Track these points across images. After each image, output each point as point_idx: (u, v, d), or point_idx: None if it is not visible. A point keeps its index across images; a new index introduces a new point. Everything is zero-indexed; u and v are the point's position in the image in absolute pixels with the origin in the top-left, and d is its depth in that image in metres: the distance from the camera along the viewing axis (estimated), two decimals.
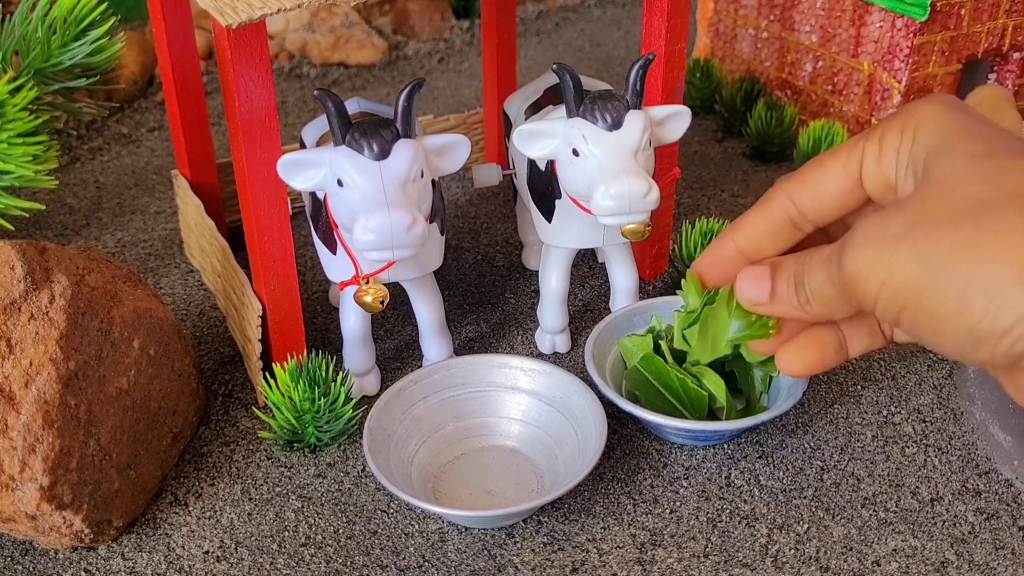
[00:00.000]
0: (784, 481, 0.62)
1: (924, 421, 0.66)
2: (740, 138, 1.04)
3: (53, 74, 0.70)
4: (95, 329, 0.56)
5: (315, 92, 0.57)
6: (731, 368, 0.63)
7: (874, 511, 0.60)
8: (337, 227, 0.62)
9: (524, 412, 0.65)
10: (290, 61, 1.25)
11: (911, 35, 0.86)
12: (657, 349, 0.65)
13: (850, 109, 0.95)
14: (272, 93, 0.58)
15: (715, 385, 0.61)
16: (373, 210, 0.56)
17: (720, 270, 0.42)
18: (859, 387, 0.69)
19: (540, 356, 0.73)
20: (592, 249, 0.82)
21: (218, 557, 0.58)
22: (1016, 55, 0.94)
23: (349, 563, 0.57)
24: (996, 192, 0.29)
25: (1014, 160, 0.30)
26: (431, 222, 0.63)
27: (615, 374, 0.66)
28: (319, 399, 0.62)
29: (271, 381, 0.64)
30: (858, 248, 0.32)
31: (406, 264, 0.63)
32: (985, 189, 0.29)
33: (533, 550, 0.58)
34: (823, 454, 0.64)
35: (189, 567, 0.57)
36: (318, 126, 0.72)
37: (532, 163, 0.68)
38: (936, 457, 0.64)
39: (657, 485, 0.62)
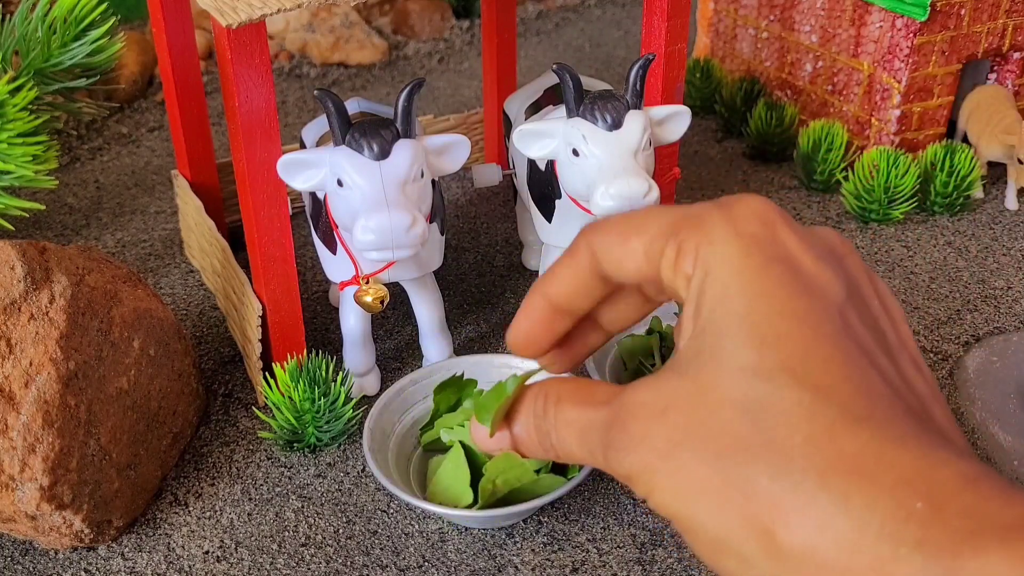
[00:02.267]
0: None
1: None
2: (740, 138, 1.04)
3: (53, 74, 0.70)
4: (95, 329, 0.56)
5: (315, 92, 0.57)
6: None
7: None
8: (337, 227, 0.62)
9: None
10: (290, 61, 1.25)
11: (911, 35, 0.86)
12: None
13: (850, 109, 0.95)
14: (272, 93, 0.58)
15: None
16: (373, 210, 0.56)
17: (537, 333, 0.35)
18: None
19: None
20: None
21: (218, 557, 0.58)
22: (1016, 55, 0.94)
23: (349, 563, 0.57)
24: (758, 435, 0.25)
25: (786, 388, 0.25)
26: (431, 222, 0.63)
27: (615, 374, 0.66)
28: (319, 399, 0.62)
29: (271, 381, 0.64)
30: (621, 452, 0.28)
31: (406, 264, 0.63)
32: (748, 426, 0.26)
33: (533, 550, 0.58)
34: None
35: (189, 567, 0.57)
36: (318, 126, 0.72)
37: (532, 163, 0.68)
38: None
39: None
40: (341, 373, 0.64)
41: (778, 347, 0.26)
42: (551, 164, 0.66)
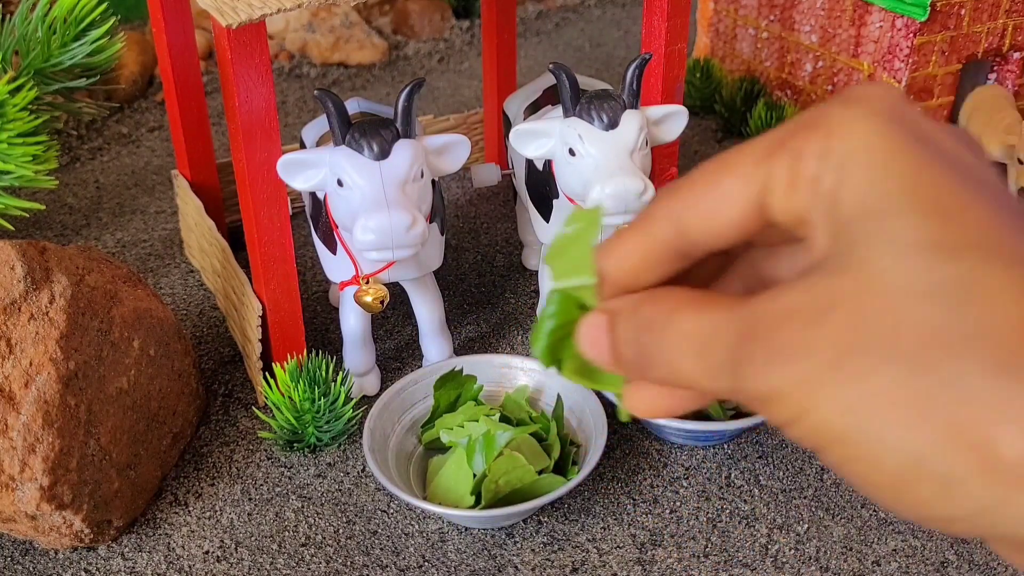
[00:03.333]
0: (784, 481, 0.62)
1: None
2: (740, 138, 1.04)
3: (53, 74, 0.70)
4: (95, 329, 0.56)
5: (315, 92, 0.57)
6: None
7: (874, 511, 0.60)
8: (337, 227, 0.62)
9: None
10: (290, 61, 1.25)
11: (911, 35, 0.86)
12: None
13: None
14: (272, 93, 0.58)
15: None
16: (373, 210, 0.56)
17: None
18: None
19: None
20: None
21: (218, 557, 0.58)
22: (1016, 55, 0.94)
23: (349, 563, 0.57)
24: (958, 324, 0.21)
25: (985, 263, 0.21)
26: (431, 222, 0.63)
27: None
28: (319, 399, 0.62)
29: (271, 381, 0.64)
30: (765, 366, 0.23)
31: (406, 264, 0.63)
32: (942, 316, 0.21)
33: (533, 550, 0.58)
34: None
35: (189, 567, 0.57)
36: (318, 126, 0.72)
37: (530, 163, 0.68)
38: None
39: (657, 485, 0.62)
40: (341, 373, 0.64)
41: (963, 219, 0.21)
42: (548, 164, 0.66)
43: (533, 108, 0.74)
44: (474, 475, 0.56)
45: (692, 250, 0.26)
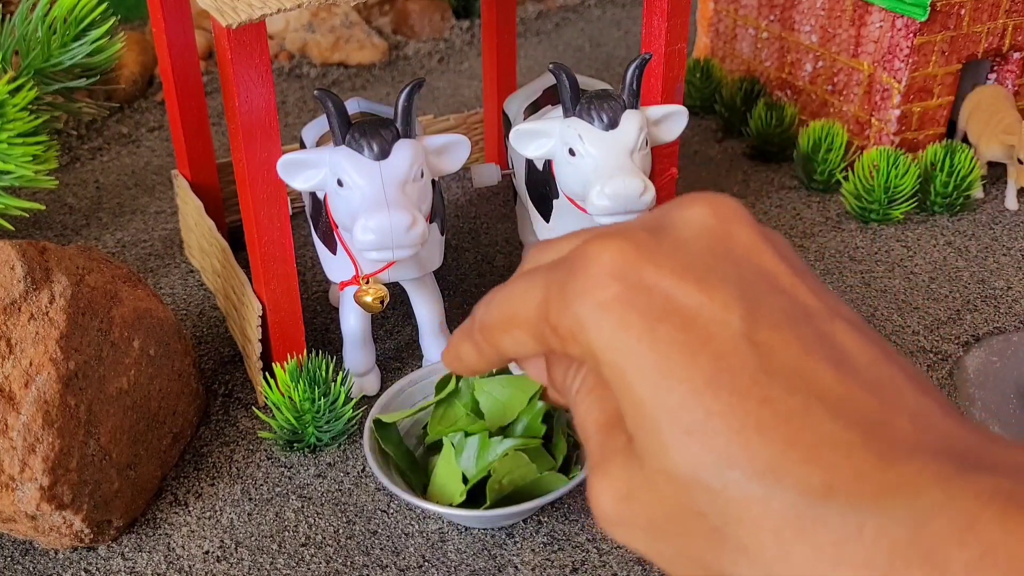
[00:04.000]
0: None
1: None
2: (740, 138, 1.04)
3: (53, 74, 0.70)
4: (95, 329, 0.56)
5: (315, 92, 0.58)
6: None
7: None
8: (337, 227, 0.62)
9: None
10: (290, 61, 1.25)
11: (911, 35, 0.86)
12: None
13: (850, 109, 0.95)
14: (272, 93, 0.58)
15: None
16: (373, 210, 0.56)
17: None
18: None
19: None
20: None
21: (218, 557, 0.58)
22: (1016, 55, 0.94)
23: (349, 563, 0.57)
24: (724, 540, 0.24)
25: (731, 486, 0.23)
26: (431, 222, 0.63)
27: None
28: (319, 399, 0.62)
29: (271, 381, 0.64)
30: (598, 510, 0.26)
31: (406, 264, 0.63)
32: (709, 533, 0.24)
33: (533, 550, 0.58)
34: None
35: (189, 567, 0.57)
36: (318, 126, 0.72)
37: (530, 163, 0.68)
38: None
39: None
40: (341, 373, 0.65)
41: (704, 435, 0.23)
42: (548, 164, 0.66)
43: (533, 108, 0.74)
44: (463, 472, 0.56)
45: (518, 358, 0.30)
